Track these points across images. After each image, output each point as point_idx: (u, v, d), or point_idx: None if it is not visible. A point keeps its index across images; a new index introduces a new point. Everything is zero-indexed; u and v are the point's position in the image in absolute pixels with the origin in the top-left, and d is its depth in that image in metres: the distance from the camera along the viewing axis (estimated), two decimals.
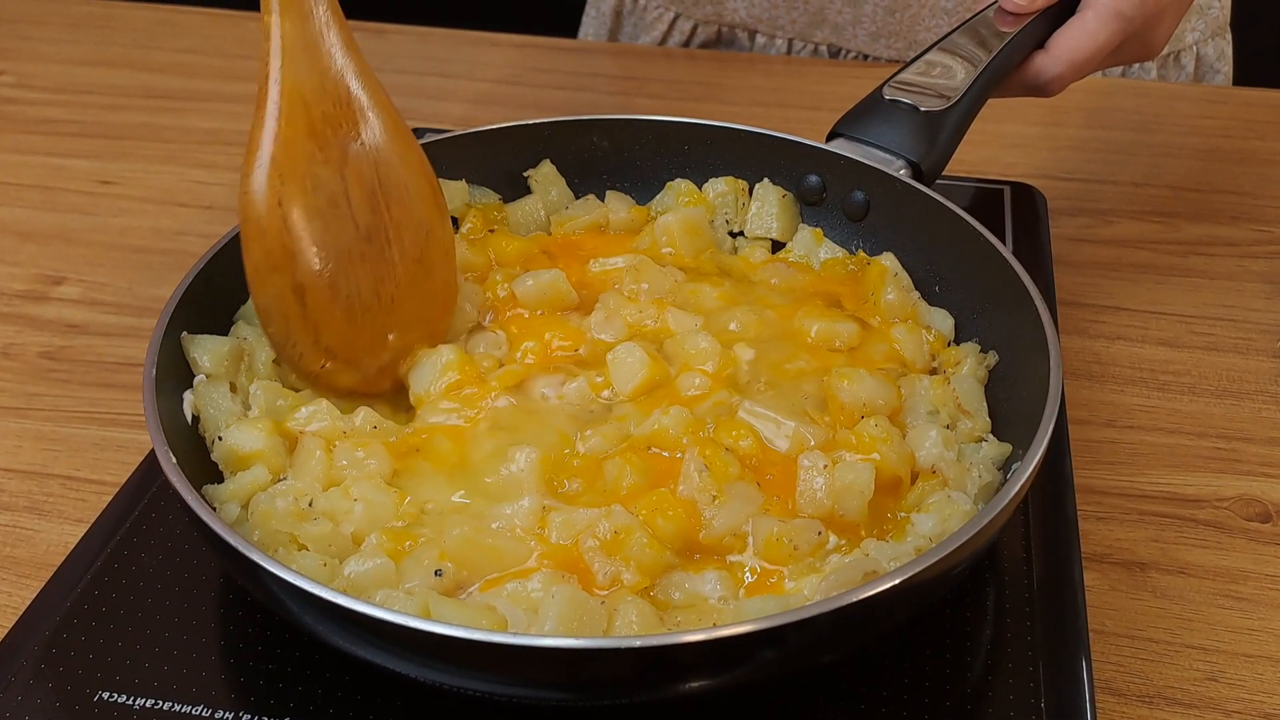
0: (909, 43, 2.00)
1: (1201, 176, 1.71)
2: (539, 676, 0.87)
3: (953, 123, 1.30)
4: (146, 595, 1.06)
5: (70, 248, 1.59)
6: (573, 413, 1.12)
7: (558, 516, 1.01)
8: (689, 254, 1.31)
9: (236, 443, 1.07)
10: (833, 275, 1.29)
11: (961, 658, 1.01)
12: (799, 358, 1.17)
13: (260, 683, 0.99)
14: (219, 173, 1.75)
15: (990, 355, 1.17)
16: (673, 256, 1.30)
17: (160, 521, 1.12)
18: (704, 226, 1.33)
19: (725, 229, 1.36)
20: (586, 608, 0.92)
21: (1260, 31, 2.37)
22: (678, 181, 1.38)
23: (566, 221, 1.36)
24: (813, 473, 1.03)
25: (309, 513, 1.01)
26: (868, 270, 1.27)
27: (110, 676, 0.99)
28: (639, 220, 1.36)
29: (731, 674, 0.87)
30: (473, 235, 1.32)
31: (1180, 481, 1.23)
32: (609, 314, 1.21)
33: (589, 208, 1.37)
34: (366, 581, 0.95)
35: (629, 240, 1.34)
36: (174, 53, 2.09)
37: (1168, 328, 1.43)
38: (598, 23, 2.22)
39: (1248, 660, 1.06)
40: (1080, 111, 1.87)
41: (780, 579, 0.99)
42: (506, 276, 1.24)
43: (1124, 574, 1.13)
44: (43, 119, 1.89)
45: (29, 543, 1.17)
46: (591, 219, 1.35)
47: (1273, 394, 1.33)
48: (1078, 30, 1.37)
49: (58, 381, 1.36)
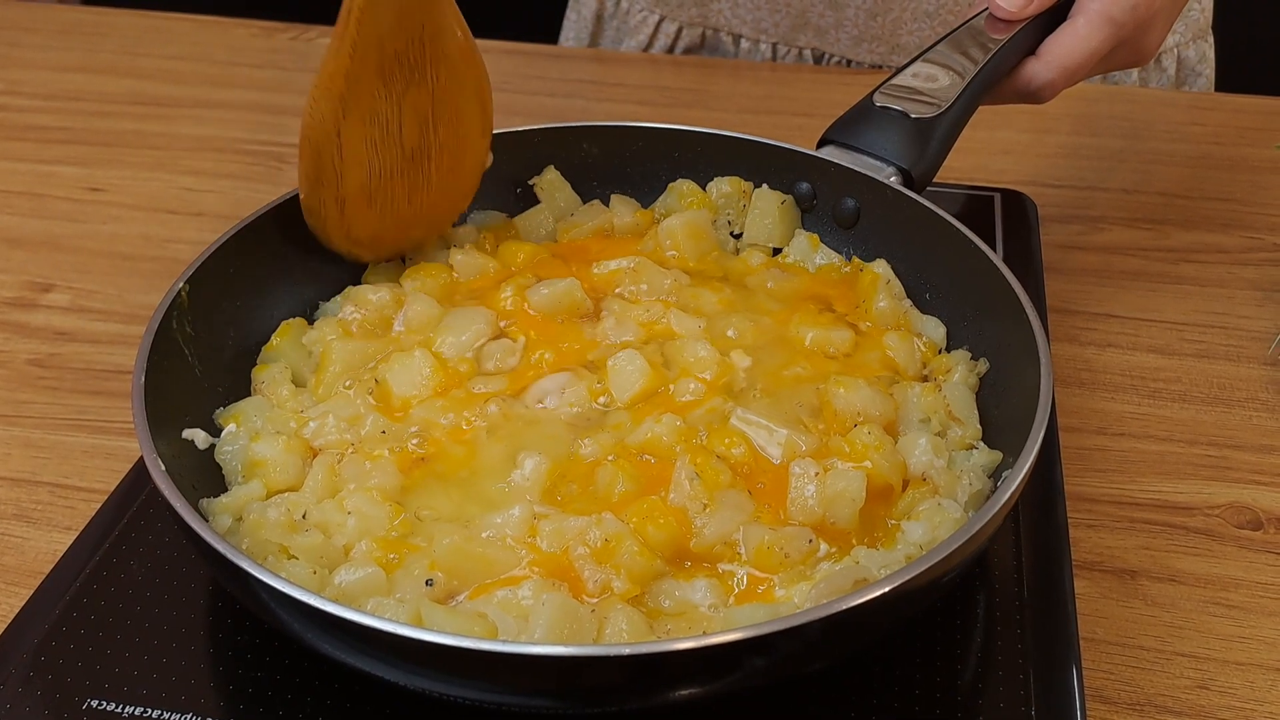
0: (891, 47, 2.00)
1: (1192, 183, 1.72)
2: (529, 684, 0.87)
3: (943, 130, 1.30)
4: (135, 603, 1.05)
5: (59, 255, 1.59)
6: (570, 419, 1.12)
7: (548, 525, 1.00)
8: (692, 257, 1.31)
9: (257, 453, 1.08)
10: (826, 279, 1.29)
11: (952, 666, 1.00)
12: (795, 364, 1.17)
13: (249, 691, 0.98)
14: (208, 179, 1.75)
15: (981, 362, 1.17)
16: (676, 259, 1.31)
17: (149, 529, 1.12)
18: (707, 229, 1.33)
19: (727, 229, 1.36)
20: (576, 615, 0.92)
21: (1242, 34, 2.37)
22: (680, 182, 1.38)
23: (572, 228, 1.36)
24: (804, 480, 1.03)
25: (301, 524, 1.01)
26: (860, 276, 1.27)
27: (99, 684, 0.99)
28: (644, 224, 1.36)
29: (721, 682, 0.87)
30: (485, 247, 1.34)
31: (1171, 489, 1.23)
32: (619, 318, 1.21)
33: (594, 213, 1.37)
34: (357, 590, 0.95)
35: (634, 243, 1.34)
36: (162, 59, 2.09)
37: (1158, 335, 1.43)
38: (579, 26, 2.22)
39: (1238, 668, 1.06)
40: (1070, 118, 1.87)
41: (771, 587, 0.99)
42: (518, 287, 1.24)
43: (1115, 582, 1.13)
44: (31, 126, 1.89)
45: (17, 550, 1.17)
46: (597, 224, 1.36)
47: (1263, 401, 1.33)
48: (1069, 36, 1.37)
49: (46, 389, 1.36)
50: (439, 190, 1.28)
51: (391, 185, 1.23)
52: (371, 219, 1.24)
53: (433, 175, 1.26)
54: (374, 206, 1.24)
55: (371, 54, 1.16)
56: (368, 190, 1.22)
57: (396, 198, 1.24)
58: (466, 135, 1.27)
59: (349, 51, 1.15)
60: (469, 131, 1.27)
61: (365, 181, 1.22)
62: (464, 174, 1.30)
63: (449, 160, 1.26)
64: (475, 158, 1.30)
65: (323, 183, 1.19)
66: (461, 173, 1.29)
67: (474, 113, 1.27)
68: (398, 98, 1.19)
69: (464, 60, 1.23)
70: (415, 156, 1.24)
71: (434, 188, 1.27)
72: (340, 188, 1.20)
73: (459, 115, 1.25)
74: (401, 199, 1.25)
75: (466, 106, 1.26)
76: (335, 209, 1.21)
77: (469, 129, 1.27)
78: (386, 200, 1.24)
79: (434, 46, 1.19)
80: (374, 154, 1.21)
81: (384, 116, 1.20)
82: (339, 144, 1.18)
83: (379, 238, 1.27)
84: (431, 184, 1.26)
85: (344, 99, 1.16)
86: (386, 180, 1.23)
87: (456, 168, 1.28)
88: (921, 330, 1.23)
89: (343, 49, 1.15)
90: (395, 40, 1.17)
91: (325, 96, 1.16)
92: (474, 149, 1.29)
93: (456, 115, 1.25)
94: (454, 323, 1.20)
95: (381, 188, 1.23)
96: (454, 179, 1.29)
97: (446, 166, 1.26)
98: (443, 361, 1.16)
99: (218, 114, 1.92)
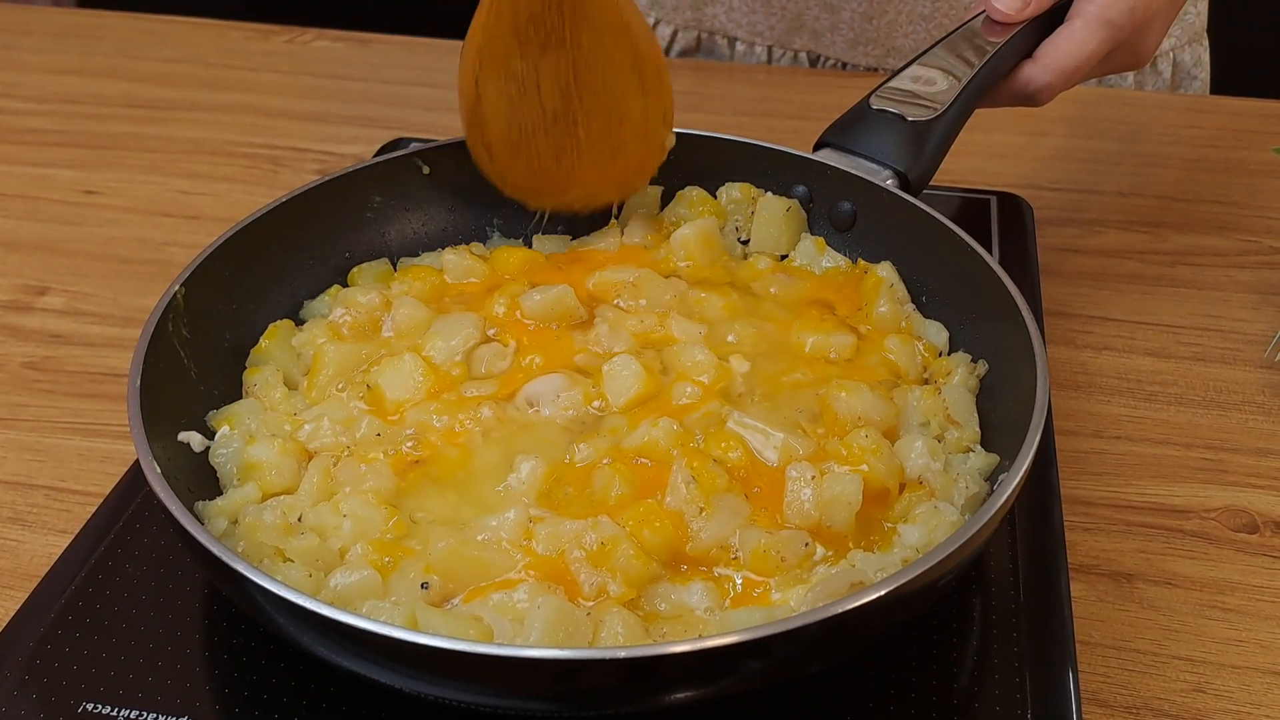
0: (887, 49, 2.00)
1: (1188, 186, 1.72)
2: (524, 687, 0.87)
3: (940, 133, 1.30)
4: (131, 606, 1.05)
5: (54, 258, 1.59)
6: (565, 423, 1.12)
7: (544, 528, 1.00)
8: (704, 264, 1.31)
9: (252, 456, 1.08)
10: (831, 282, 1.29)
11: (948, 669, 1.00)
12: (795, 370, 1.17)
13: (245, 694, 0.98)
14: (203, 182, 1.75)
15: (980, 364, 1.17)
16: (689, 269, 1.31)
17: (145, 532, 1.12)
18: (717, 236, 1.33)
19: (735, 235, 1.36)
20: (572, 618, 0.92)
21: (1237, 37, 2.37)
22: (689, 190, 1.38)
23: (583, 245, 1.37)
24: (800, 484, 1.03)
25: (297, 527, 1.01)
26: (865, 279, 1.27)
27: (95, 687, 0.98)
28: (656, 239, 1.35)
29: (717, 685, 0.87)
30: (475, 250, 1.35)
31: (1167, 492, 1.23)
32: (613, 327, 1.21)
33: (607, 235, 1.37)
34: (353, 593, 0.95)
35: (644, 253, 1.34)
36: (158, 62, 2.09)
37: (1155, 338, 1.43)
38: None
39: (1234, 671, 1.06)
40: (1066, 121, 1.87)
41: (767, 590, 0.98)
42: (510, 295, 1.24)
43: (1111, 585, 1.13)
44: (27, 128, 1.89)
45: (13, 553, 1.17)
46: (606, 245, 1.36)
47: (1260, 404, 1.33)
48: (1066, 39, 1.37)
49: (42, 392, 1.36)
50: (591, 158, 1.30)
51: (535, 142, 1.29)
52: (519, 169, 1.31)
53: (581, 141, 1.29)
54: (519, 159, 1.30)
55: (506, 13, 1.21)
56: (510, 141, 1.29)
57: (543, 155, 1.30)
58: (622, 110, 1.28)
59: (486, 6, 1.22)
60: (625, 106, 1.28)
61: (506, 132, 1.28)
62: (625, 149, 1.31)
63: (598, 130, 1.28)
64: (639, 135, 1.31)
65: (472, 126, 1.29)
66: (621, 147, 1.31)
67: (630, 88, 1.27)
68: (534, 59, 1.24)
69: (615, 35, 1.24)
70: (559, 118, 1.27)
71: (584, 153, 1.30)
72: (485, 133, 1.28)
73: (607, 87, 1.27)
74: (549, 157, 1.30)
75: (619, 81, 1.27)
76: (484, 153, 1.30)
77: (625, 104, 1.28)
78: (532, 155, 1.30)
79: (576, 15, 1.22)
80: (511, 108, 1.27)
81: (519, 74, 1.25)
82: (478, 91, 1.26)
83: (535, 189, 1.33)
84: (581, 149, 1.29)
85: (480, 51, 1.23)
86: (529, 135, 1.28)
87: (610, 139, 1.30)
88: (924, 335, 1.22)
89: (483, 3, 1.22)
90: (530, 4, 1.21)
91: (467, 46, 1.24)
92: (633, 125, 1.30)
93: (604, 87, 1.26)
94: (442, 328, 1.20)
95: (524, 142, 1.29)
96: (609, 151, 1.30)
97: (597, 136, 1.29)
98: (433, 366, 1.16)
99: (213, 117, 1.92)
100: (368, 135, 1.84)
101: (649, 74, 1.27)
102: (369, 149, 1.76)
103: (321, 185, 1.30)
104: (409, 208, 1.36)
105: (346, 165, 1.40)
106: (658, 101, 1.29)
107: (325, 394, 1.15)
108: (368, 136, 1.83)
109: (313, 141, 1.84)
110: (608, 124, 1.28)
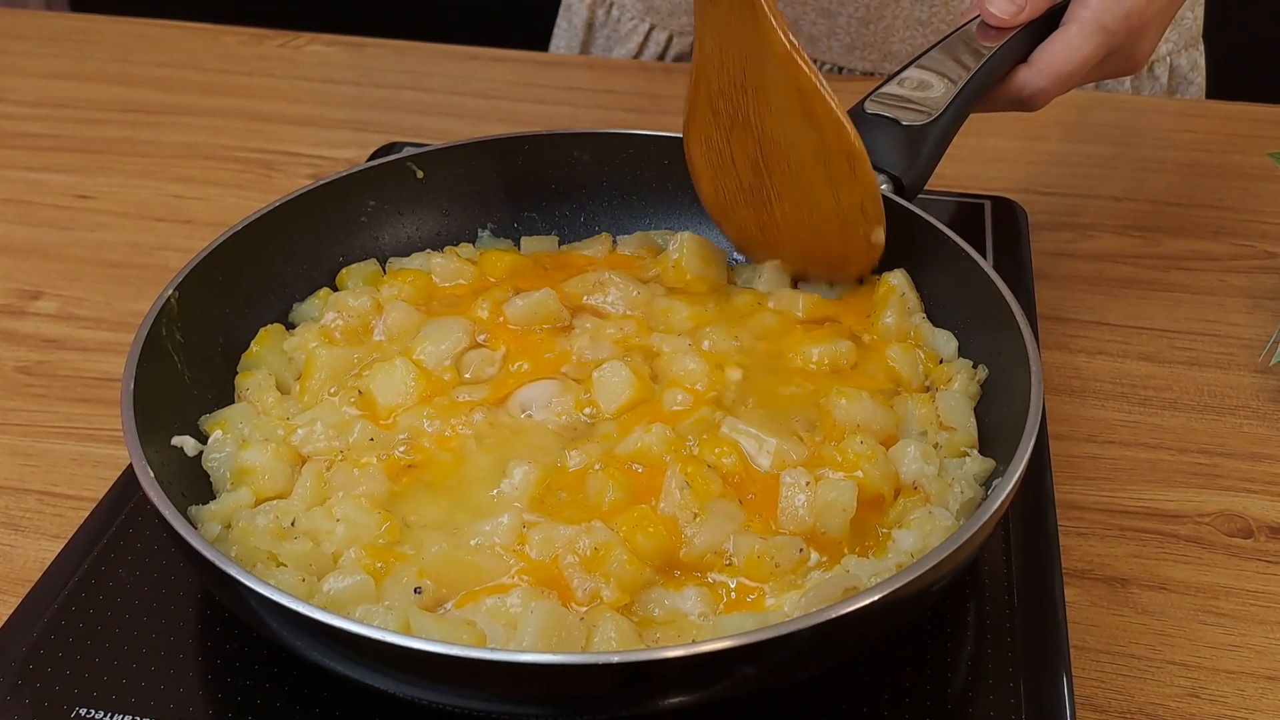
0: (883, 54, 2.00)
1: (1182, 191, 1.72)
2: (517, 692, 0.87)
3: (935, 137, 1.30)
4: (124, 611, 1.05)
5: (47, 262, 1.58)
6: (557, 429, 1.12)
7: (537, 533, 1.00)
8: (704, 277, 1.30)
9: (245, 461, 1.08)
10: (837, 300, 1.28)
11: (942, 674, 1.00)
12: (791, 382, 1.16)
13: (238, 699, 0.98)
14: (197, 187, 1.75)
15: (981, 370, 1.16)
16: (689, 282, 1.29)
17: (138, 537, 1.11)
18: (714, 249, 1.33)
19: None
20: (565, 623, 0.92)
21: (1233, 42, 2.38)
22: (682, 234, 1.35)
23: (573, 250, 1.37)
24: (795, 490, 1.03)
25: (290, 531, 1.01)
26: (876, 288, 1.26)
27: (88, 692, 0.98)
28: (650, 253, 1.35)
29: (710, 690, 0.87)
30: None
31: (1161, 497, 1.23)
32: (593, 335, 1.20)
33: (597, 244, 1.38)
34: (346, 597, 0.95)
35: (638, 262, 1.34)
36: (152, 67, 2.09)
37: (1149, 343, 1.43)
38: (569, 35, 2.22)
39: (1229, 676, 1.06)
40: (1060, 125, 1.87)
41: (761, 596, 0.98)
42: (494, 301, 1.24)
43: (1105, 590, 1.13)
44: (19, 133, 1.89)
45: (5, 558, 1.17)
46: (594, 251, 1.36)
47: (1254, 409, 1.33)
48: (1061, 44, 1.37)
49: (34, 396, 1.36)
50: (790, 236, 1.28)
51: (738, 211, 1.30)
52: (730, 230, 1.33)
53: (778, 219, 1.27)
54: (730, 222, 1.32)
55: (703, 85, 1.22)
56: (719, 204, 1.31)
57: (746, 224, 1.30)
58: (814, 197, 1.23)
59: (691, 79, 1.23)
60: (816, 194, 1.23)
61: (715, 196, 1.30)
62: (822, 236, 1.26)
63: (791, 212, 1.26)
64: (834, 223, 1.24)
65: (693, 179, 1.31)
66: (817, 232, 1.26)
67: (816, 178, 1.22)
68: (725, 130, 1.24)
69: (797, 122, 1.19)
70: (755, 193, 1.27)
71: (782, 231, 1.28)
72: (700, 188, 1.31)
73: (793, 171, 1.23)
74: (752, 227, 1.30)
75: (805, 168, 1.22)
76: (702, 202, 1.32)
77: (814, 192, 1.23)
78: (739, 222, 1.31)
79: (759, 98, 1.20)
80: (714, 174, 1.29)
81: (717, 144, 1.26)
82: (689, 152, 1.29)
83: (751, 246, 1.33)
84: (779, 226, 1.28)
85: (687, 116, 1.26)
86: (731, 202, 1.29)
87: (806, 223, 1.26)
88: (934, 345, 1.22)
89: (692, 68, 1.23)
90: (719, 77, 1.21)
91: (685, 104, 1.25)
92: (825, 214, 1.24)
93: (790, 170, 1.23)
94: (432, 332, 1.20)
95: (729, 207, 1.30)
96: (807, 234, 1.27)
97: (791, 217, 1.26)
98: (425, 371, 1.16)
99: (207, 121, 1.92)
100: (361, 140, 1.83)
101: (837, 166, 1.20)
102: (362, 153, 1.75)
103: (315, 190, 1.29)
104: (403, 212, 1.35)
105: (340, 170, 1.40)
106: (849, 194, 1.22)
107: (318, 398, 1.15)
108: (361, 141, 1.83)
109: (306, 146, 1.84)
110: (799, 209, 1.25)
